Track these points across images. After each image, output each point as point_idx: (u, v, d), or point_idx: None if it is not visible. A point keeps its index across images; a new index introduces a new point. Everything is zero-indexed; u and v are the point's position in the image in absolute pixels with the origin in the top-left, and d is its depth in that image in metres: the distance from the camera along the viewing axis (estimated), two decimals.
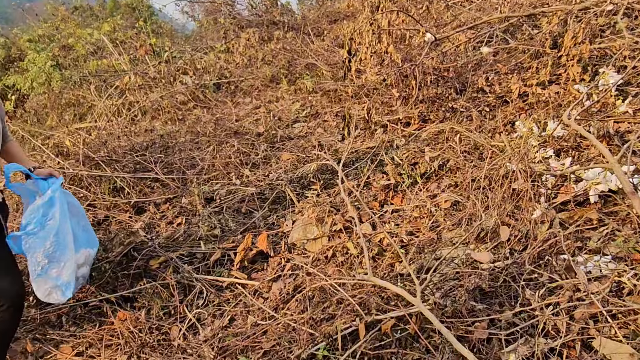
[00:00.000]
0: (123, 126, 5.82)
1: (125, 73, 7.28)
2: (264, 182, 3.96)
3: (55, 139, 5.24)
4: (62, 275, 2.34)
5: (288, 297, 2.82)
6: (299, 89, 5.65)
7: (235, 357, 2.44)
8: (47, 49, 9.35)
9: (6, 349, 2.52)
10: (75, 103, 7.68)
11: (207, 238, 3.47)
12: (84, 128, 5.93)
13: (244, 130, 4.65)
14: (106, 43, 8.67)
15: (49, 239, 2.28)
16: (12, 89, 9.85)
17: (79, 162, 4.44)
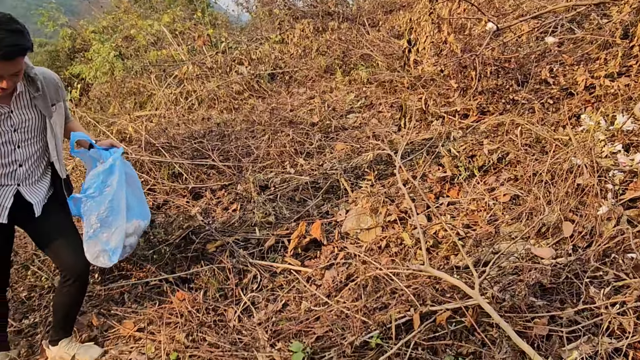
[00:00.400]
0: (180, 114, 5.99)
1: (184, 63, 7.48)
2: (317, 171, 3.99)
3: (118, 126, 5.46)
4: (111, 241, 2.42)
5: (341, 285, 2.84)
6: (353, 79, 5.64)
7: (288, 341, 2.48)
8: (111, 40, 9.72)
9: (74, 321, 2.67)
10: (135, 92, 7.97)
11: (261, 224, 3.54)
12: (144, 116, 6.15)
13: (298, 120, 4.69)
14: (166, 34, 8.93)
15: (104, 204, 2.37)
16: (77, 77, 10.34)
17: (141, 148, 4.61)
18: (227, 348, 2.51)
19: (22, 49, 2.01)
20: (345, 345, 2.31)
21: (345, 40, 6.64)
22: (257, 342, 2.54)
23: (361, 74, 5.45)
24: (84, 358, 2.56)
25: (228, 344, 2.54)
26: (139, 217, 2.58)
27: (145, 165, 4.63)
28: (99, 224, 2.37)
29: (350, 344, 2.30)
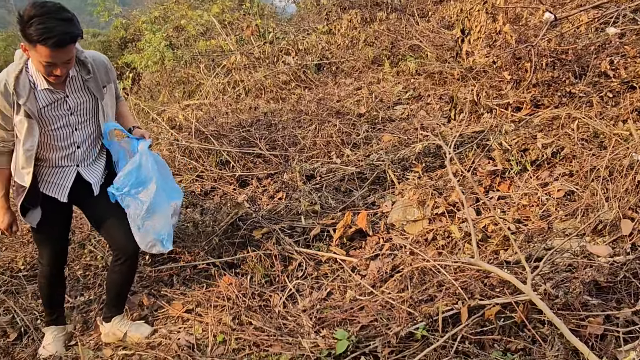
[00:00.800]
0: (228, 104, 6.09)
1: (232, 53, 7.59)
2: (364, 162, 3.98)
3: (168, 114, 5.61)
4: (160, 230, 2.49)
5: (386, 276, 2.83)
6: (401, 70, 5.58)
7: (332, 329, 2.50)
8: (162, 30, 9.95)
9: (125, 299, 2.78)
10: (185, 81, 8.14)
11: (307, 213, 3.56)
12: (193, 104, 6.29)
13: (345, 111, 4.69)
14: (215, 24, 9.07)
15: (145, 202, 2.42)
16: (129, 67, 10.65)
17: (190, 136, 4.71)
18: (272, 332, 2.55)
19: (72, 37, 2.07)
20: (390, 335, 2.31)
21: (393, 30, 6.57)
22: (302, 328, 2.57)
23: (410, 65, 5.39)
24: (135, 335, 2.65)
25: (273, 328, 2.58)
26: (174, 198, 2.63)
27: (194, 152, 4.74)
28: (143, 217, 2.43)
29: (396, 334, 2.30)
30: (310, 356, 2.31)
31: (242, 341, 2.53)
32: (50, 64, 2.09)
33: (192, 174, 4.57)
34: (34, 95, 2.21)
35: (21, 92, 2.18)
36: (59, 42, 2.02)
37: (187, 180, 4.61)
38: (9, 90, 2.16)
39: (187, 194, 4.42)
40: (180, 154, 4.69)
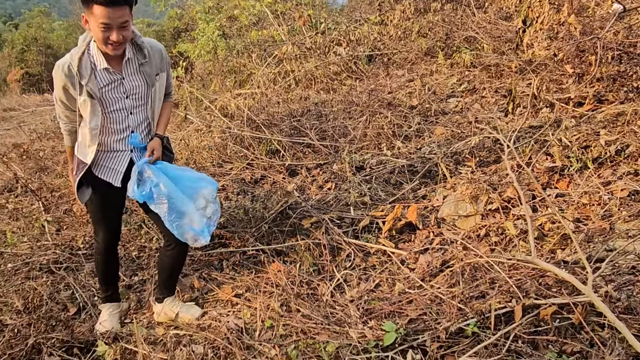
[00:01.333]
0: (278, 93, 6.14)
1: (284, 43, 7.63)
2: (415, 155, 3.92)
3: (220, 102, 5.71)
4: (195, 225, 2.53)
5: (435, 270, 2.80)
6: (455, 62, 5.45)
7: (380, 320, 2.49)
8: (215, 20, 10.11)
9: (176, 282, 2.86)
10: (236, 70, 8.26)
11: (356, 204, 3.55)
12: (244, 94, 6.38)
13: (396, 102, 4.63)
14: (267, 14, 9.14)
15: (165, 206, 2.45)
16: (182, 56, 10.90)
17: (243, 124, 4.78)
18: (320, 321, 2.56)
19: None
20: (439, 330, 2.28)
21: (448, 21, 6.42)
22: (349, 318, 2.57)
23: (464, 57, 5.25)
24: (186, 316, 2.73)
25: (321, 317, 2.59)
26: (201, 188, 2.64)
27: (245, 140, 4.81)
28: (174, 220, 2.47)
29: (445, 330, 2.26)
30: (357, 346, 2.31)
31: (290, 328, 2.56)
32: (106, 26, 2.16)
33: (243, 162, 4.64)
34: (94, 75, 2.31)
35: (84, 72, 2.28)
36: (112, 1, 2.10)
37: (237, 167, 4.69)
38: (72, 72, 2.27)
39: (237, 181, 4.50)
40: (232, 141, 4.77)
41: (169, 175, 2.51)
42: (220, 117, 5.07)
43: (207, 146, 4.93)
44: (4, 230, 4.30)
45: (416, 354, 2.25)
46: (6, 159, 7.09)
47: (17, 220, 4.62)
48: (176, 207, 2.46)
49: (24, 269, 3.56)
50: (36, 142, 8.99)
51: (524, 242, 2.64)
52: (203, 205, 2.58)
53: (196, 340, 2.55)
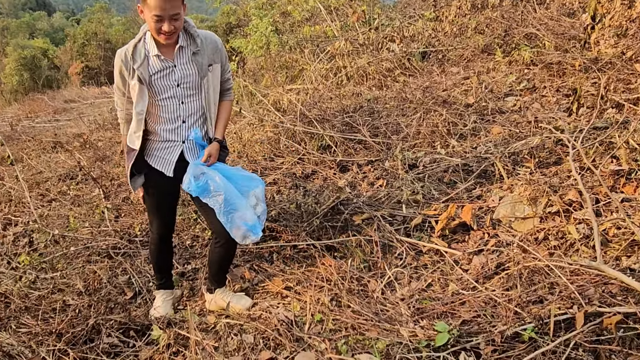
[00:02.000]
0: (330, 89, 6.14)
1: (336, 39, 7.62)
2: (470, 154, 3.84)
3: (273, 97, 5.76)
4: (247, 221, 2.57)
5: (490, 272, 2.73)
6: (514, 60, 5.28)
7: (432, 320, 2.45)
8: (269, 16, 10.22)
9: (225, 274, 2.90)
10: (288, 65, 8.33)
11: (408, 202, 3.51)
12: (295, 89, 6.42)
13: (452, 100, 4.54)
14: (320, 10, 9.16)
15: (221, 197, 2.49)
16: (235, 51, 11.09)
17: (295, 119, 4.81)
18: (370, 317, 2.55)
19: None
20: (494, 334, 2.22)
21: (507, 18, 6.23)
22: (400, 316, 2.55)
23: (524, 55, 5.09)
24: (236, 306, 2.78)
25: (371, 313, 2.58)
26: (252, 187, 2.67)
27: (297, 135, 4.84)
28: (227, 215, 2.51)
29: (501, 333, 2.21)
30: (408, 345, 2.29)
31: (340, 323, 2.56)
32: (158, 18, 2.25)
33: (294, 157, 4.67)
34: (147, 61, 2.41)
35: (137, 57, 2.40)
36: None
37: (289, 162, 4.73)
38: (127, 56, 2.40)
39: (288, 176, 4.54)
40: (284, 136, 4.81)
41: (222, 173, 2.56)
42: (273, 112, 5.12)
43: (259, 140, 4.99)
44: (67, 215, 4.51)
45: (469, 356, 2.20)
46: (71, 147, 7.44)
47: (79, 206, 4.84)
48: (231, 200, 2.51)
49: (85, 252, 3.73)
50: (95, 132, 9.39)
51: (586, 247, 2.54)
52: (254, 203, 2.63)
53: (247, 330, 2.59)
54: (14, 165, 5.45)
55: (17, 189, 5.65)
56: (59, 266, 3.48)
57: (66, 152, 7.78)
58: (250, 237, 2.58)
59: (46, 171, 6.53)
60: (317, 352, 2.38)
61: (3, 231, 4.45)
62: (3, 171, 6.84)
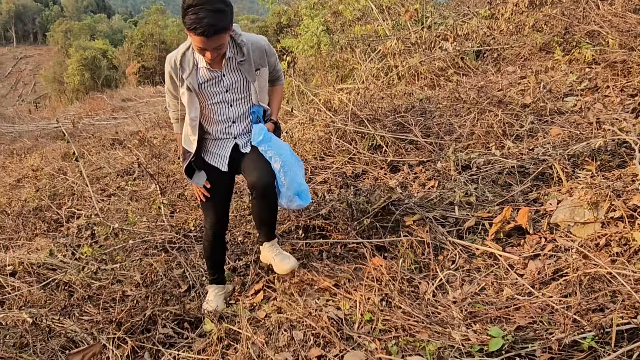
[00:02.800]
0: (380, 89, 6.10)
1: (388, 38, 7.57)
2: (527, 155, 3.72)
3: (323, 96, 5.79)
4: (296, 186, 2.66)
5: (547, 278, 2.64)
6: (575, 59, 5.08)
7: (485, 325, 2.40)
8: (320, 15, 10.26)
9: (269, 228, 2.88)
10: (338, 65, 8.34)
11: (460, 204, 3.45)
12: (346, 89, 6.42)
13: (508, 100, 4.41)
14: (372, 9, 9.11)
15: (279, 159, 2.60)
16: (286, 51, 11.19)
17: (347, 118, 4.82)
18: (421, 319, 2.52)
19: (217, 30, 2.25)
20: (551, 341, 2.15)
21: (568, 15, 6.00)
22: (452, 319, 2.51)
23: (585, 53, 4.88)
24: (278, 266, 2.86)
25: (422, 315, 2.55)
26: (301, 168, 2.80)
27: (348, 134, 4.85)
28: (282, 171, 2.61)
29: (558, 341, 2.14)
30: (460, 349, 2.25)
31: (390, 323, 2.55)
32: (201, 48, 2.33)
33: (345, 156, 4.68)
34: (195, 71, 2.50)
35: (185, 66, 2.49)
36: (206, 33, 2.23)
37: (339, 161, 4.74)
38: (176, 64, 2.49)
39: (339, 175, 4.55)
40: (335, 135, 4.82)
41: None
42: (324, 111, 5.14)
43: (310, 139, 5.03)
44: (125, 210, 4.71)
45: None
46: (129, 145, 7.74)
47: (137, 201, 5.04)
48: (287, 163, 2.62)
49: (143, 246, 3.88)
50: (150, 130, 9.74)
51: None
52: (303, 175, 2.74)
53: (297, 327, 2.62)
54: (79, 161, 5.73)
55: (79, 183, 5.94)
56: (118, 258, 3.63)
57: (124, 149, 8.11)
58: (297, 201, 2.69)
59: (105, 167, 6.84)
60: (367, 351, 2.38)
61: (67, 223, 4.69)
62: (66, 166, 7.21)
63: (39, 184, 6.24)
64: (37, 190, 5.77)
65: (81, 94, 26.00)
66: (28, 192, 5.76)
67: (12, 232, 4.50)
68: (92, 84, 38.22)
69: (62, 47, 59.40)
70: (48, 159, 8.11)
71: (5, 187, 6.66)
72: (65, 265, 3.54)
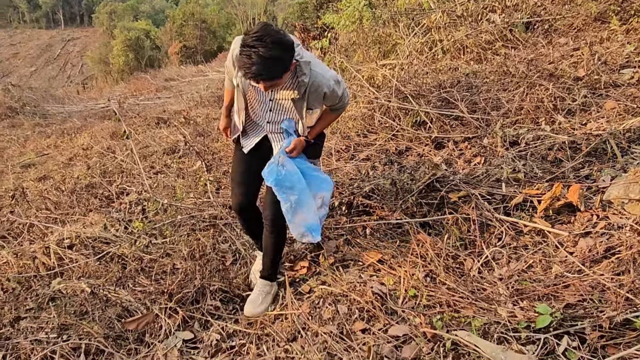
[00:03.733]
0: (424, 64, 5.97)
1: (432, 11, 7.37)
2: (579, 131, 3.59)
3: (364, 72, 5.72)
4: (308, 222, 2.58)
5: (598, 256, 2.58)
6: (632, 28, 4.81)
7: (532, 302, 2.37)
8: None
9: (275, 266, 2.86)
10: (381, 40, 8.19)
11: (508, 181, 3.38)
12: (388, 64, 6.31)
13: (559, 74, 4.24)
14: None
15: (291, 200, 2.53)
16: (327, 27, 11.08)
17: (391, 94, 4.76)
18: (466, 295, 2.51)
19: (266, 78, 2.11)
20: (602, 319, 2.11)
21: None
22: (498, 296, 2.49)
23: None
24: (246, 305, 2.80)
25: (467, 291, 2.54)
26: (322, 190, 2.68)
27: (391, 111, 4.80)
28: (292, 212, 2.55)
29: (609, 319, 2.09)
30: (506, 325, 2.24)
31: (434, 299, 2.55)
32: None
33: (388, 133, 4.64)
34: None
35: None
36: (254, 78, 2.11)
37: (382, 138, 4.71)
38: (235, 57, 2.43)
39: (383, 152, 4.52)
40: (379, 112, 4.78)
41: (300, 169, 2.60)
42: (368, 87, 5.10)
43: (353, 116, 5.01)
44: (173, 186, 4.84)
45: (572, 341, 2.11)
46: (174, 123, 7.92)
47: (183, 178, 5.16)
48: (302, 202, 2.56)
49: (190, 221, 3.98)
50: (193, 109, 9.90)
51: None
52: (319, 205, 2.66)
53: (341, 301, 2.66)
54: (129, 139, 5.91)
55: (127, 161, 6.13)
56: (167, 233, 3.75)
57: (169, 127, 8.29)
58: (308, 237, 2.61)
59: (152, 145, 7.02)
60: (411, 326, 2.40)
61: (117, 199, 4.87)
62: (115, 145, 7.45)
63: (90, 162, 6.47)
64: (88, 168, 5.99)
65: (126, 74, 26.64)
66: (80, 170, 5.99)
67: (68, 208, 4.70)
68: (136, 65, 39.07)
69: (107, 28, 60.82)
70: (97, 138, 8.38)
71: (58, 165, 6.94)
72: (118, 239, 3.68)
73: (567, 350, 2.06)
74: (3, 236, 4.16)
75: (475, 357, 2.10)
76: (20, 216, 4.44)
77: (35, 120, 11.91)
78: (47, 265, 3.45)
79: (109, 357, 2.51)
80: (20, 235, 4.08)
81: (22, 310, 2.90)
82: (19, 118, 12.30)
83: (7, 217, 4.52)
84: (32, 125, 11.34)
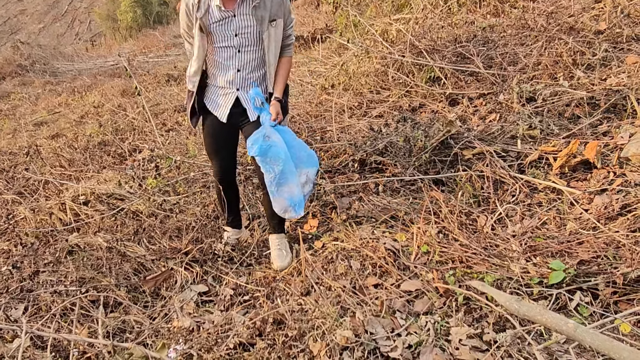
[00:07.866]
0: (439, 18, 5.80)
1: None
2: (598, 86, 3.50)
3: (379, 27, 5.57)
4: (293, 196, 2.57)
5: (613, 213, 2.55)
6: None
7: (545, 258, 2.37)
8: None
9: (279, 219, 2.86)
10: None
11: (523, 137, 3.33)
12: (402, 19, 6.14)
13: (580, 27, 4.10)
14: None
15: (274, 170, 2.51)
16: None
17: (405, 50, 4.65)
18: (479, 252, 2.52)
19: None
20: (616, 275, 2.11)
21: None
22: (511, 252, 2.49)
23: None
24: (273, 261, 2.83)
25: (480, 248, 2.55)
26: (307, 166, 2.65)
27: (405, 67, 4.70)
28: (276, 185, 2.54)
29: (623, 275, 2.09)
30: (519, 280, 2.25)
31: (447, 255, 2.56)
32: None
33: (402, 89, 4.57)
34: (208, 12, 2.45)
35: (201, 7, 2.44)
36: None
37: (396, 95, 4.64)
38: (193, 4, 2.45)
39: (396, 109, 4.46)
40: (392, 68, 4.69)
41: (286, 141, 2.57)
42: (381, 42, 4.98)
43: (365, 72, 4.92)
44: (185, 144, 4.84)
45: (585, 297, 2.12)
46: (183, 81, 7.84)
47: (195, 135, 5.16)
48: (286, 174, 2.54)
49: (202, 178, 4.01)
50: None
51: None
52: (304, 181, 2.64)
53: (354, 256, 2.68)
54: (141, 95, 5.88)
55: (138, 119, 6.13)
56: (180, 190, 3.77)
57: (179, 85, 8.24)
58: (291, 212, 2.62)
59: (162, 103, 6.99)
60: (423, 281, 2.42)
61: (130, 157, 4.89)
62: (125, 103, 7.43)
63: (102, 120, 6.47)
64: (100, 125, 6.00)
65: (134, 31, 26.21)
66: (92, 128, 6.00)
67: (82, 165, 4.74)
68: (144, 21, 38.39)
69: None
70: (108, 96, 8.36)
71: (70, 123, 6.96)
72: (132, 195, 3.72)
73: (580, 305, 2.07)
74: (20, 192, 4.22)
75: (487, 311, 2.13)
76: (35, 173, 4.49)
77: (45, 78, 11.89)
78: (63, 220, 3.50)
79: (127, 309, 2.57)
80: (36, 191, 4.13)
81: (41, 264, 2.97)
82: (29, 76, 12.28)
83: (23, 174, 4.58)
84: (42, 83, 11.32)
